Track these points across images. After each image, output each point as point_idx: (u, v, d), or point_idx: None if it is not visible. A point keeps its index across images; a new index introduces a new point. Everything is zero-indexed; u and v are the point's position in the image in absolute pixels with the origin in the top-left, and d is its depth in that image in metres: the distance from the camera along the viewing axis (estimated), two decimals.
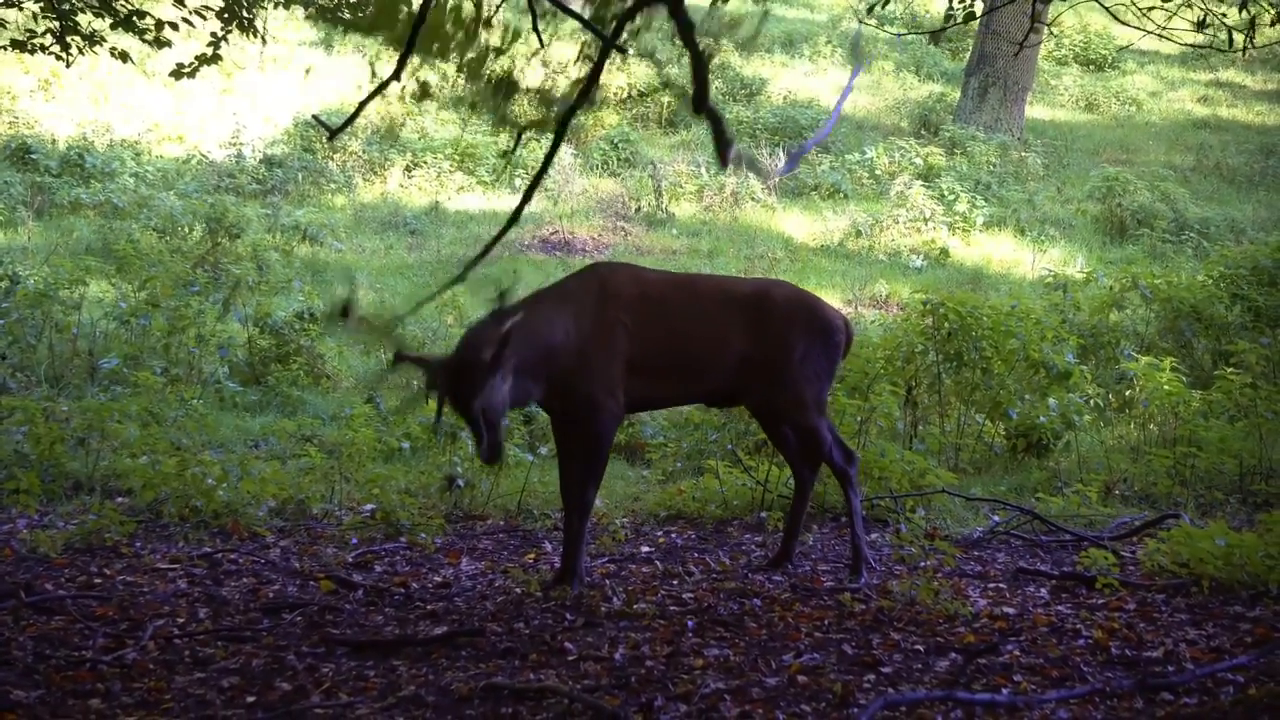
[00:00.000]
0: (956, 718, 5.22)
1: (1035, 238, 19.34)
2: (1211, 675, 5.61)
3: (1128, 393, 11.51)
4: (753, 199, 20.36)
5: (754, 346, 7.19)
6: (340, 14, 9.88)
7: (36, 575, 7.17)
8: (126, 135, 20.35)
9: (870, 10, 7.48)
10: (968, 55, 24.92)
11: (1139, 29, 7.73)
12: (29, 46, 9.60)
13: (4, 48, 9.88)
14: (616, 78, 23.09)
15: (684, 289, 7.36)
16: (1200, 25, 7.48)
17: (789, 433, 7.51)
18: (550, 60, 7.44)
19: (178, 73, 9.61)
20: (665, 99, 23.39)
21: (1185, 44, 8.32)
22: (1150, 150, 24.02)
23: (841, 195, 20.79)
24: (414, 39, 6.54)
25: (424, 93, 6.30)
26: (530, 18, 7.08)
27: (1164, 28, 7.60)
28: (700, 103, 5.18)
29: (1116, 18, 8.24)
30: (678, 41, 5.46)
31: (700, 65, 5.10)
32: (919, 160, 21.23)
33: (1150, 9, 7.43)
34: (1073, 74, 27.59)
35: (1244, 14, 7.38)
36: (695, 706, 5.32)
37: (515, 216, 5.77)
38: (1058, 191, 21.51)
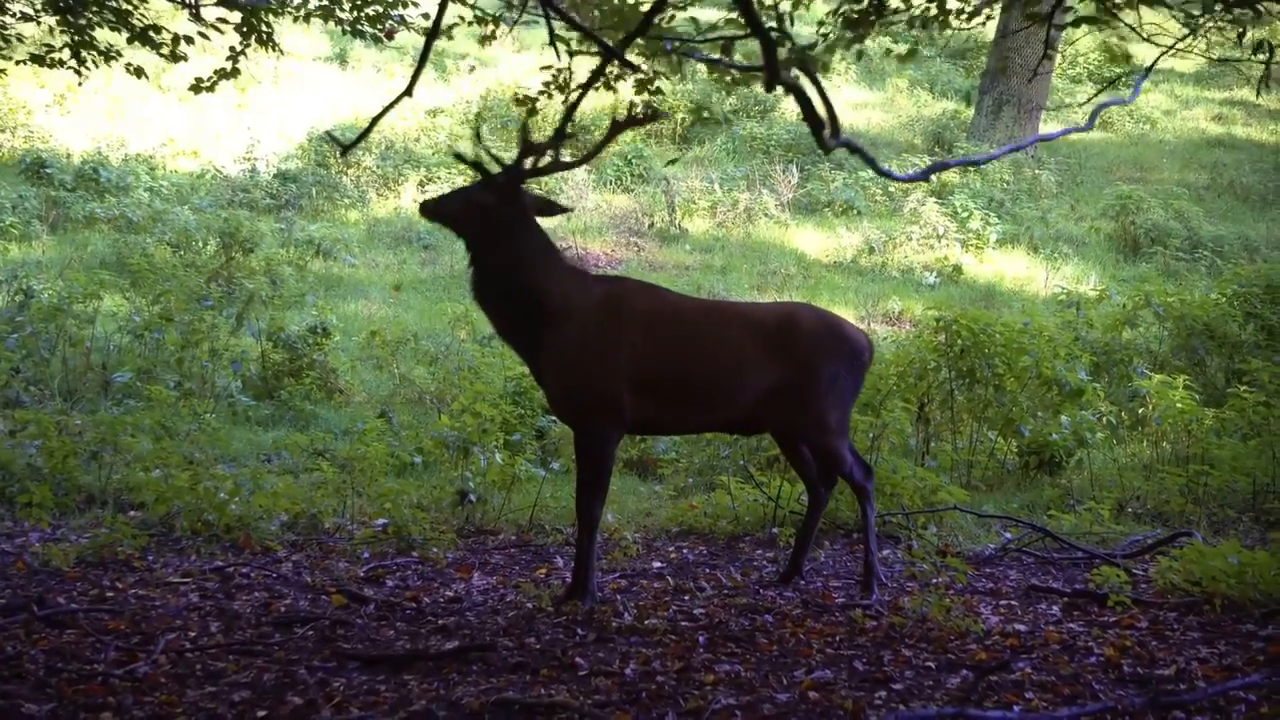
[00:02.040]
0: None
1: (1048, 255, 19.33)
2: (1224, 693, 5.59)
3: (1140, 410, 11.49)
4: (766, 215, 20.38)
5: (780, 372, 7.13)
6: (360, 27, 9.90)
7: (48, 589, 7.18)
8: (141, 150, 20.44)
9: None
10: (982, 73, 24.91)
11: (1153, 43, 7.71)
12: (46, 61, 9.63)
13: (21, 62, 9.91)
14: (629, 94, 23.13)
15: (707, 314, 7.31)
16: (1239, 38, 7.45)
17: (807, 453, 7.49)
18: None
19: (196, 87, 9.63)
20: (679, 115, 23.45)
21: (1205, 55, 8.31)
22: (1164, 168, 23.98)
23: (855, 212, 20.79)
24: (426, 54, 6.58)
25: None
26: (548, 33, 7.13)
27: (1177, 48, 7.57)
28: (771, 83, 5.23)
29: (1143, 36, 8.21)
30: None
31: (768, 45, 5.12)
32: (932, 177, 21.16)
33: (1152, 36, 7.42)
34: (1087, 92, 27.56)
35: (1253, 38, 7.35)
36: None
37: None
38: (1071, 209, 21.49)
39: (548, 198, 7.23)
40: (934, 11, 7.29)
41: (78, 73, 9.66)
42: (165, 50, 9.54)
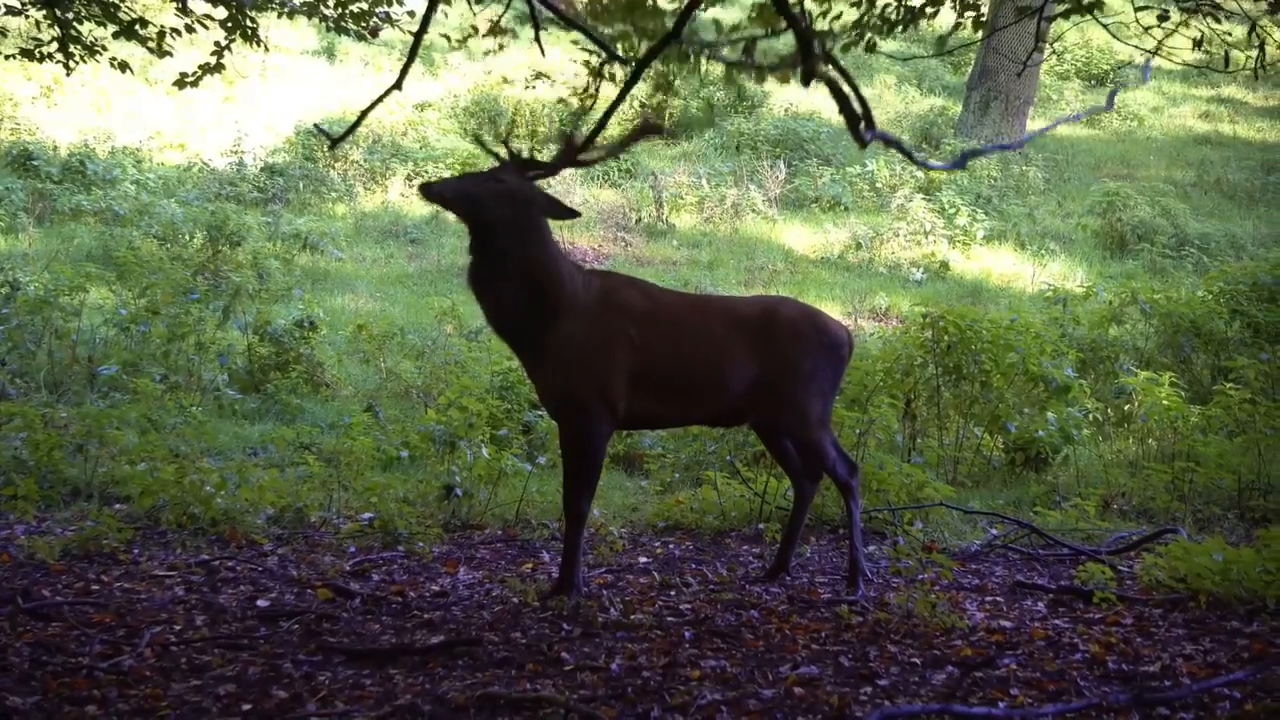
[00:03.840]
0: None
1: (1035, 252, 19.36)
2: (1208, 690, 5.61)
3: (1126, 407, 11.52)
4: (753, 211, 20.38)
5: (761, 366, 7.14)
6: (344, 24, 9.89)
7: (34, 581, 7.17)
8: (128, 142, 20.38)
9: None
10: (970, 69, 24.93)
11: (1140, 49, 7.72)
12: (33, 55, 9.59)
13: (11, 56, 9.88)
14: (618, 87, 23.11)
15: (692, 309, 7.32)
16: (1198, 44, 7.46)
17: (791, 447, 7.50)
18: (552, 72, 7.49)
19: (181, 82, 9.60)
20: (668, 110, 23.42)
21: (1186, 63, 8.32)
22: (1151, 165, 24.03)
23: (842, 208, 20.81)
24: (415, 48, 6.57)
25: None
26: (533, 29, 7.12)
27: (1163, 45, 7.58)
28: (808, 77, 5.22)
29: (1118, 38, 8.23)
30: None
31: (804, 39, 5.10)
32: (920, 173, 21.22)
33: (1150, 28, 7.43)
34: (1074, 89, 27.61)
35: (1253, 36, 7.36)
36: (692, 718, 5.31)
37: None
38: (1058, 206, 21.53)
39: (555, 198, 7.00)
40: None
41: (66, 66, 9.62)
42: (152, 44, 9.52)
